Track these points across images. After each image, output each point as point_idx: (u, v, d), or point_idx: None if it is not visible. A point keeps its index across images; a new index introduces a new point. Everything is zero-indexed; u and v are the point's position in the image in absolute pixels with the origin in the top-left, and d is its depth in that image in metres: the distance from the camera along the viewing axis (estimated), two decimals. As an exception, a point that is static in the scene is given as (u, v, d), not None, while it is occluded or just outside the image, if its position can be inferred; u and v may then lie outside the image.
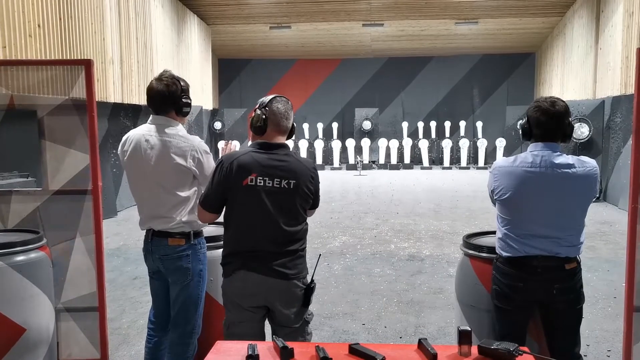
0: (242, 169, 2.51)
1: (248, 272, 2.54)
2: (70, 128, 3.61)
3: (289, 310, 2.56)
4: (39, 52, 7.55)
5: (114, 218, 9.35)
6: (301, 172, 2.56)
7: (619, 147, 10.63)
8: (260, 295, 2.55)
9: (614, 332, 4.25)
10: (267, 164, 2.52)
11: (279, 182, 2.52)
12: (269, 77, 20.61)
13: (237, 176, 2.51)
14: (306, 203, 2.61)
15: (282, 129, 2.61)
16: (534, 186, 2.60)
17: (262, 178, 2.50)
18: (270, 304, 2.58)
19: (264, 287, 2.53)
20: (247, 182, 2.50)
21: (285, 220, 2.54)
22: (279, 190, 2.52)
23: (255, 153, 2.56)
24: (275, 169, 2.52)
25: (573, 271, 2.65)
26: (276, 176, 2.52)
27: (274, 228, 2.53)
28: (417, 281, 5.73)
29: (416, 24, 17.20)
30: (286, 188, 2.52)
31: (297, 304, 2.58)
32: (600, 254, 6.82)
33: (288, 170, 2.54)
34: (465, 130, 19.07)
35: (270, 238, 2.54)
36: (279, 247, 2.54)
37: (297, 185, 2.54)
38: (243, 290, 2.56)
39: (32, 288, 3.18)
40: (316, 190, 2.66)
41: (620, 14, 10.99)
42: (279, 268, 2.54)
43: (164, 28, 13.17)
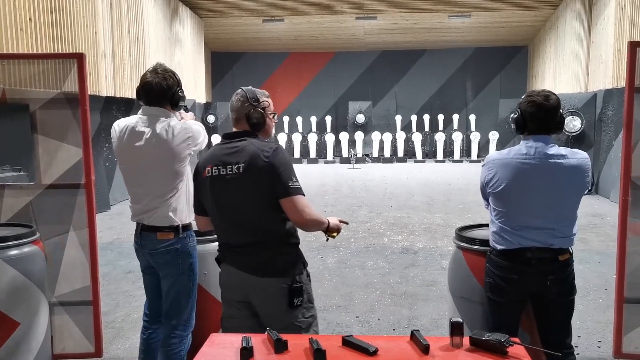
0: (202, 164, 2.52)
1: (227, 266, 2.52)
2: (63, 122, 3.60)
3: (269, 311, 2.43)
4: (30, 46, 7.50)
5: (107, 212, 9.33)
6: (253, 153, 2.40)
7: (611, 140, 10.69)
8: (238, 290, 2.48)
9: (605, 323, 4.30)
10: (221, 153, 2.48)
11: (231, 168, 2.42)
12: (262, 71, 20.57)
13: (199, 171, 2.53)
14: (266, 188, 2.37)
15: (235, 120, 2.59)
16: (528, 177, 2.62)
17: (216, 168, 2.45)
18: (251, 301, 2.48)
19: (240, 281, 2.46)
20: (205, 174, 2.48)
21: (247, 210, 2.41)
22: (232, 177, 2.40)
23: (216, 146, 2.56)
24: (227, 156, 2.45)
25: (566, 262, 2.68)
26: (228, 163, 2.43)
27: (237, 219, 2.44)
28: (410, 274, 5.76)
29: (409, 17, 17.20)
30: (237, 173, 2.39)
31: (278, 305, 2.41)
32: (591, 246, 6.87)
33: (239, 154, 2.42)
34: (459, 123, 19.11)
35: (238, 230, 2.44)
36: (249, 238, 2.43)
37: (248, 169, 2.38)
38: (226, 284, 2.54)
39: (26, 282, 3.18)
40: (275, 171, 2.36)
41: (612, 7, 11.02)
42: (252, 262, 2.43)
43: (157, 21, 13.10)
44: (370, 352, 1.90)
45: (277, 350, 1.92)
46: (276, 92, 20.59)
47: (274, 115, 2.63)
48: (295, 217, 2.39)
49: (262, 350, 1.94)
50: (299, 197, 2.38)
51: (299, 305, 2.42)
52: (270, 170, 2.37)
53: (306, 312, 2.46)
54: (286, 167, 2.40)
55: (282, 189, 2.37)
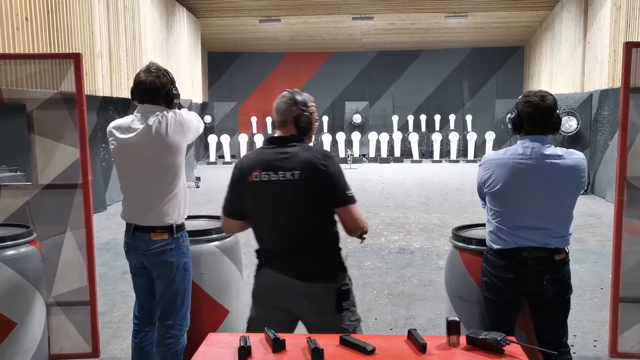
0: (247, 167, 2.45)
1: (269, 271, 2.47)
2: (60, 122, 3.60)
3: (315, 316, 2.41)
4: (26, 46, 7.49)
5: (104, 212, 9.31)
6: (308, 160, 2.38)
7: (607, 140, 10.72)
8: (280, 296, 2.44)
9: (601, 323, 4.31)
10: (271, 158, 2.42)
11: (284, 174, 2.38)
12: (258, 71, 20.55)
13: (243, 175, 2.45)
14: (322, 196, 2.39)
15: (278, 123, 2.51)
16: (525, 177, 2.63)
17: (266, 173, 2.40)
18: (293, 307, 2.45)
19: (286, 288, 2.42)
20: (252, 178, 2.41)
21: (300, 217, 2.41)
22: (285, 183, 2.37)
23: (261, 149, 2.50)
24: (279, 162, 2.40)
25: (562, 262, 2.69)
26: (280, 169, 2.38)
27: (288, 225, 2.42)
28: (407, 274, 5.77)
29: (406, 17, 17.22)
30: (291, 179, 2.36)
31: (326, 309, 2.40)
32: (587, 246, 6.90)
33: (293, 160, 2.39)
34: (455, 123, 19.13)
35: (286, 236, 2.43)
36: (297, 245, 2.42)
37: (305, 175, 2.36)
38: (266, 287, 2.48)
39: (23, 282, 3.18)
40: (333, 181, 2.39)
41: (608, 8, 11.06)
42: (299, 268, 2.41)
43: (153, 21, 13.09)
44: (367, 351, 1.91)
45: (275, 349, 1.93)
46: (273, 92, 20.59)
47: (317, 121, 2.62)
48: (350, 225, 2.44)
49: (260, 350, 1.95)
50: (355, 205, 2.44)
51: (346, 308, 2.43)
52: (327, 178, 2.38)
53: (351, 316, 2.46)
54: (342, 175, 2.43)
55: (340, 198, 2.41)
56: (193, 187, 11.80)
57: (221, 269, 3.33)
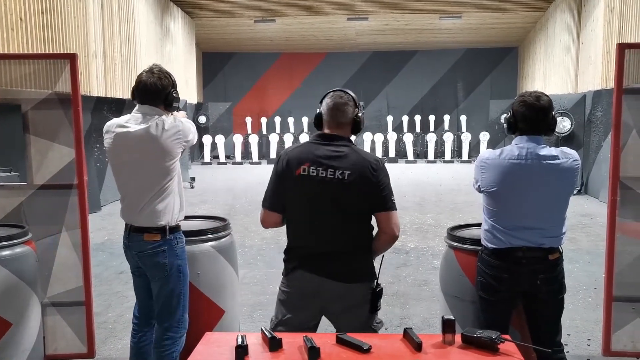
0: (295, 160, 2.41)
1: (305, 273, 2.42)
2: (55, 122, 3.59)
3: (351, 317, 2.40)
4: (21, 46, 7.46)
5: (98, 213, 9.29)
6: (359, 163, 2.37)
7: (600, 140, 10.78)
8: (315, 298, 2.41)
9: (594, 322, 4.34)
10: (321, 154, 2.38)
11: (333, 172, 2.35)
12: (253, 71, 20.56)
13: (291, 167, 2.41)
14: (367, 200, 2.39)
15: (335, 123, 2.46)
16: (520, 178, 2.66)
17: (315, 168, 2.36)
18: (326, 309, 2.44)
19: (321, 289, 2.39)
20: (300, 171, 2.37)
21: (343, 217, 2.39)
22: (333, 181, 2.35)
23: (311, 144, 2.46)
24: (329, 159, 2.37)
25: (556, 262, 2.72)
26: (330, 166, 2.36)
27: (330, 224, 2.39)
28: (402, 274, 5.79)
29: (401, 18, 17.26)
30: (340, 179, 2.34)
31: (360, 310, 2.41)
32: (581, 246, 6.94)
33: (344, 160, 2.37)
34: (450, 124, 19.20)
35: (326, 236, 2.40)
36: (336, 246, 2.40)
37: (354, 177, 2.34)
38: (299, 291, 2.44)
39: (18, 282, 3.17)
40: (380, 186, 2.38)
41: (601, 9, 11.13)
42: (336, 269, 2.39)
43: (148, 21, 13.07)
44: (363, 350, 1.93)
45: (272, 348, 1.94)
46: (268, 92, 20.61)
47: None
48: (389, 231, 2.44)
49: (257, 349, 1.96)
50: (396, 213, 2.46)
51: (379, 308, 2.46)
52: (376, 183, 2.38)
53: (377, 317, 2.49)
54: (389, 181, 2.45)
55: (384, 203, 2.41)
56: (188, 187, 11.79)
57: (217, 269, 3.34)
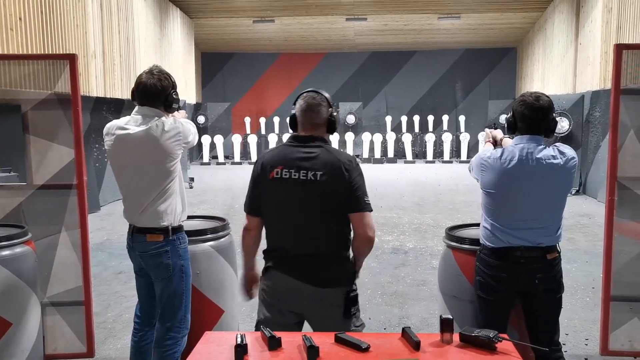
0: (269, 163, 2.42)
1: (280, 273, 2.42)
2: (55, 122, 3.60)
3: (324, 321, 2.39)
4: (20, 46, 7.47)
5: (97, 213, 9.29)
6: (331, 163, 2.36)
7: (598, 140, 10.80)
8: (291, 301, 2.41)
9: (592, 322, 4.36)
10: (294, 157, 2.38)
11: (305, 173, 2.34)
12: (252, 71, 20.56)
13: (265, 171, 2.42)
14: (340, 200, 2.37)
15: (309, 124, 2.45)
16: (518, 179, 2.67)
17: (287, 170, 2.36)
18: (302, 311, 2.43)
19: (296, 291, 2.39)
20: (273, 174, 2.38)
21: (317, 219, 2.38)
22: (305, 183, 2.34)
23: (285, 146, 2.45)
24: (302, 161, 2.37)
25: (554, 261, 2.74)
26: (303, 168, 2.35)
27: (303, 226, 2.39)
28: (401, 273, 5.81)
29: (399, 19, 17.27)
30: (313, 180, 2.34)
31: (335, 314, 2.38)
32: (579, 246, 6.95)
33: (316, 161, 2.36)
34: (448, 124, 19.21)
35: (300, 238, 2.40)
36: (310, 249, 2.39)
37: (326, 177, 2.34)
38: (273, 291, 2.44)
39: (18, 282, 3.18)
40: (353, 186, 2.38)
41: (599, 9, 11.15)
42: (310, 272, 2.38)
43: (147, 22, 13.07)
44: (362, 349, 1.94)
45: (271, 347, 1.95)
46: (267, 93, 20.61)
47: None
48: (362, 232, 2.41)
49: (257, 348, 1.97)
50: (370, 214, 2.43)
51: (353, 314, 2.43)
52: (348, 183, 2.36)
53: (356, 321, 2.46)
54: (363, 181, 2.43)
55: (357, 204, 2.39)
56: (187, 187, 11.80)
57: (216, 269, 3.35)
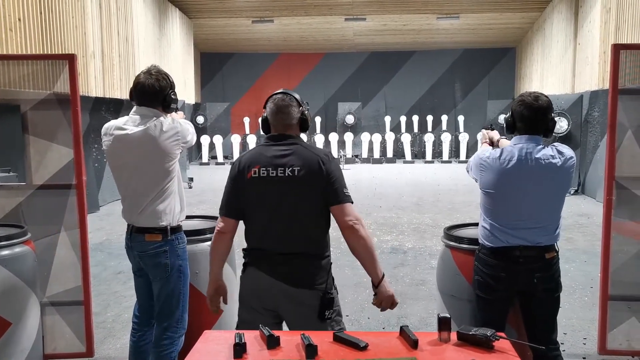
0: (247, 164, 2.42)
1: (257, 271, 2.42)
2: (54, 123, 3.60)
3: (299, 322, 2.37)
4: (19, 46, 7.47)
5: (96, 213, 9.30)
6: (308, 158, 2.38)
7: (597, 140, 10.82)
8: (268, 299, 2.40)
9: (590, 321, 4.37)
10: (271, 155, 2.40)
11: (283, 170, 2.36)
12: (251, 71, 20.56)
13: (242, 172, 2.42)
14: (319, 194, 2.37)
15: (280, 125, 2.47)
16: (517, 179, 2.68)
17: (265, 169, 2.37)
18: (280, 309, 2.42)
19: (272, 290, 2.38)
20: (251, 174, 2.39)
21: (295, 216, 2.38)
22: (283, 179, 2.35)
23: (261, 147, 2.47)
24: (279, 158, 2.38)
25: (552, 260, 2.75)
26: (280, 165, 2.37)
27: (282, 225, 2.38)
28: (400, 273, 5.81)
29: (398, 19, 17.28)
30: (290, 176, 2.35)
31: (309, 316, 2.37)
32: (577, 246, 6.97)
33: (293, 157, 2.38)
34: (447, 124, 19.22)
35: (279, 236, 2.39)
36: (289, 247, 2.38)
37: (304, 172, 2.35)
38: (252, 289, 2.44)
39: (17, 282, 3.19)
40: (331, 179, 2.37)
41: (598, 10, 11.17)
42: (287, 271, 2.37)
43: (146, 22, 13.07)
44: (360, 347, 1.95)
45: (270, 345, 1.96)
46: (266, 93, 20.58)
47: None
48: (344, 224, 2.39)
49: (255, 346, 1.98)
50: (351, 205, 2.41)
51: (328, 318, 2.40)
52: (326, 176, 2.37)
53: (335, 325, 2.43)
54: (340, 174, 2.43)
55: (336, 196, 2.38)
56: (186, 187, 11.80)
57: (215, 269, 3.35)
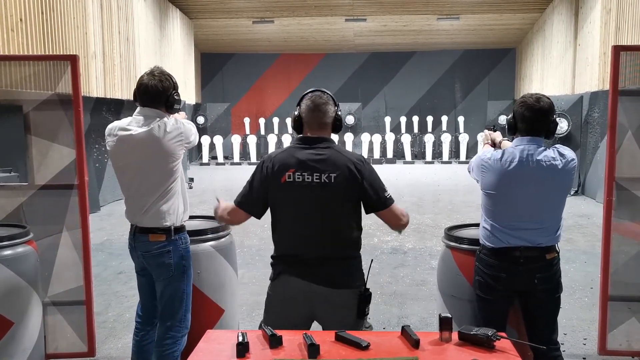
0: (280, 166, 2.38)
1: (292, 277, 2.39)
2: (56, 123, 3.62)
3: (338, 322, 2.33)
4: (20, 47, 7.49)
5: (97, 213, 9.30)
6: (343, 164, 2.35)
7: (597, 141, 10.83)
8: (302, 303, 2.38)
9: (590, 321, 4.38)
10: (305, 159, 2.36)
11: (319, 176, 2.33)
12: (252, 72, 20.57)
13: (276, 174, 2.38)
14: (356, 200, 2.38)
15: (316, 124, 2.44)
16: (519, 180, 2.69)
17: (300, 173, 2.34)
18: (315, 314, 2.40)
19: (308, 294, 2.36)
20: (285, 178, 2.35)
21: (330, 221, 2.36)
22: (319, 185, 2.33)
23: (294, 149, 2.42)
24: (314, 163, 2.35)
25: (553, 261, 2.75)
26: (316, 170, 2.34)
27: (318, 229, 2.36)
28: (400, 274, 5.83)
29: (399, 19, 17.30)
30: (327, 182, 2.32)
31: (348, 314, 2.37)
32: (577, 246, 6.98)
33: (328, 163, 2.35)
34: (447, 124, 19.23)
35: (314, 241, 2.37)
36: (325, 251, 2.37)
37: (340, 179, 2.33)
38: (284, 296, 2.41)
39: (19, 282, 3.20)
40: (369, 183, 2.37)
41: (598, 10, 11.18)
42: (325, 274, 2.36)
43: (147, 22, 13.09)
44: (362, 347, 1.96)
45: (272, 345, 1.97)
46: (266, 93, 20.63)
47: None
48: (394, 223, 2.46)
49: (258, 346, 1.99)
50: (396, 204, 2.44)
51: (367, 313, 2.43)
52: (362, 182, 2.36)
53: (366, 322, 2.46)
54: (377, 178, 2.43)
55: (380, 202, 2.40)
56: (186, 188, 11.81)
57: (217, 269, 3.37)
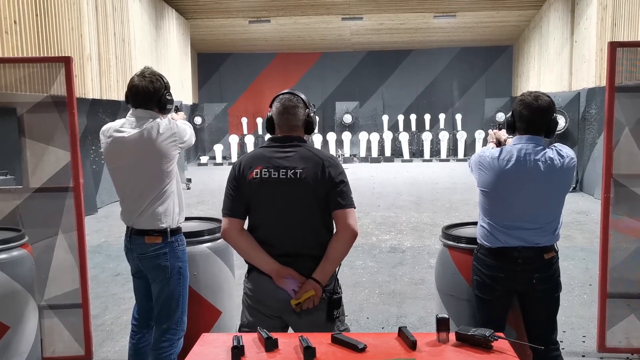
0: (248, 164, 2.39)
1: (261, 275, 2.38)
2: (50, 125, 3.60)
3: (308, 323, 2.33)
4: (15, 49, 7.45)
5: (94, 215, 9.28)
6: (311, 161, 2.34)
7: (594, 138, 10.83)
8: (271, 303, 2.38)
9: (589, 319, 4.37)
10: (272, 156, 2.37)
11: (285, 172, 2.32)
12: (249, 71, 20.54)
13: (244, 172, 2.39)
14: (322, 197, 2.34)
15: (286, 126, 2.44)
16: (516, 179, 2.67)
17: (267, 170, 2.34)
18: (283, 315, 2.38)
19: (278, 294, 2.34)
20: (253, 175, 2.35)
21: (298, 218, 2.35)
22: (285, 182, 2.32)
23: (263, 148, 2.44)
24: (281, 160, 2.35)
25: (551, 261, 2.74)
26: (282, 167, 2.33)
27: (285, 226, 2.36)
28: (399, 272, 5.81)
29: (395, 18, 17.28)
30: (292, 178, 2.32)
31: (317, 317, 2.35)
32: (576, 243, 6.97)
33: (295, 159, 2.35)
34: (445, 122, 19.21)
35: (282, 238, 2.36)
36: (292, 248, 2.35)
37: (306, 174, 2.32)
38: (256, 293, 2.41)
39: (15, 286, 3.18)
40: (334, 182, 2.33)
41: (594, 7, 11.17)
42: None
43: (142, 23, 13.05)
44: (359, 349, 1.94)
45: (268, 348, 1.96)
46: (263, 93, 20.60)
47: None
48: (346, 229, 2.34)
49: (253, 349, 1.97)
50: (354, 210, 2.38)
51: (337, 317, 2.39)
52: (330, 179, 2.33)
53: (341, 325, 2.42)
54: (345, 178, 2.39)
55: (340, 201, 2.34)
56: (184, 188, 11.79)
57: (214, 270, 3.35)
